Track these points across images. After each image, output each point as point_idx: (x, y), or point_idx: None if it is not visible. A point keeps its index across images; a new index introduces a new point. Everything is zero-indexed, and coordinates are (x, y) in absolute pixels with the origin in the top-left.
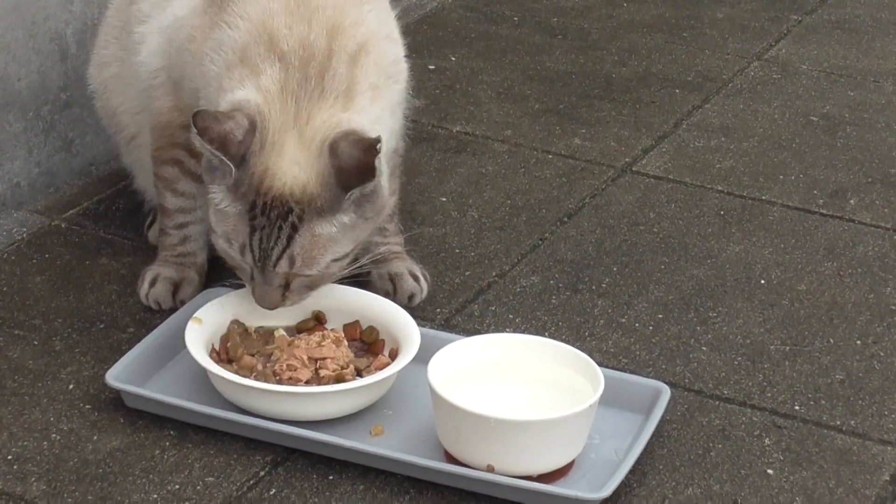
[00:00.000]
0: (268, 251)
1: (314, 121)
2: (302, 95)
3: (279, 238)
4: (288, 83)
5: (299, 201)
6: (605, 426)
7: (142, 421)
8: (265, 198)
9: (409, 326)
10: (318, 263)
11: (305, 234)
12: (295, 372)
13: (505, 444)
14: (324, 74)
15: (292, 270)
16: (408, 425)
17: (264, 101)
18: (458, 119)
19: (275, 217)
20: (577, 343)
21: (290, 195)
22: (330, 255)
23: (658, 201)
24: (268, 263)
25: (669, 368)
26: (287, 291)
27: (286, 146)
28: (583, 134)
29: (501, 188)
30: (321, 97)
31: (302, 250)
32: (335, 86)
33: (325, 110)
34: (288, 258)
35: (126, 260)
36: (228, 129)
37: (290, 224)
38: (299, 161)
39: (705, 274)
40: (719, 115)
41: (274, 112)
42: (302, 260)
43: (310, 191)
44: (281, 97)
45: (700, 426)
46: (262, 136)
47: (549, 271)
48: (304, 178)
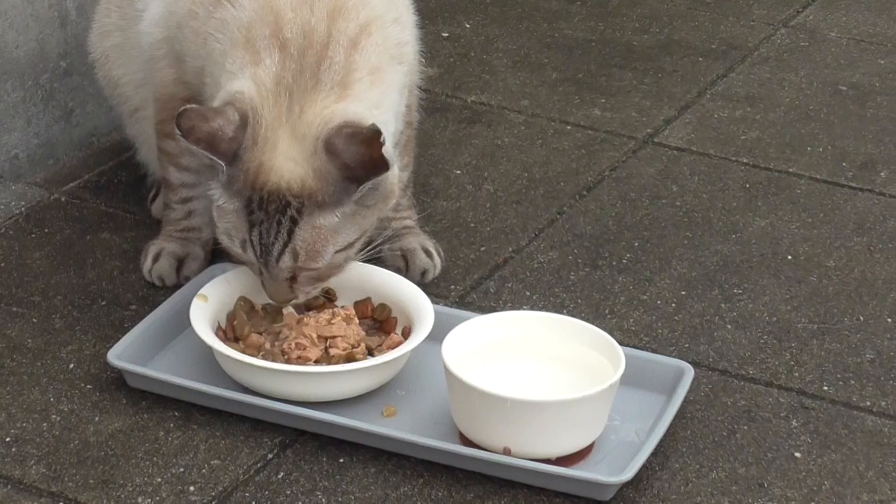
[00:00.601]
0: (269, 246)
1: (306, 115)
2: (296, 88)
3: (279, 232)
4: (283, 76)
5: (298, 195)
6: (625, 407)
7: (145, 401)
8: (261, 192)
9: (423, 304)
10: (323, 256)
11: (306, 226)
12: (304, 351)
13: (522, 425)
14: (320, 64)
15: (297, 264)
16: (421, 406)
17: (258, 94)
18: (473, 88)
19: (273, 211)
20: (597, 321)
21: (288, 189)
22: (333, 246)
23: (681, 174)
24: (270, 258)
25: (693, 347)
26: (295, 284)
27: (279, 142)
28: (602, 104)
29: (518, 160)
30: (315, 89)
31: (304, 244)
32: (331, 76)
33: (318, 103)
34: (291, 252)
35: (128, 234)
36: (217, 127)
37: (290, 218)
38: (294, 156)
39: (730, 249)
40: (744, 85)
41: (267, 106)
42: (306, 253)
43: (309, 185)
44: (275, 91)
45: (724, 407)
46: (255, 131)
47: (568, 246)
48: (300, 173)
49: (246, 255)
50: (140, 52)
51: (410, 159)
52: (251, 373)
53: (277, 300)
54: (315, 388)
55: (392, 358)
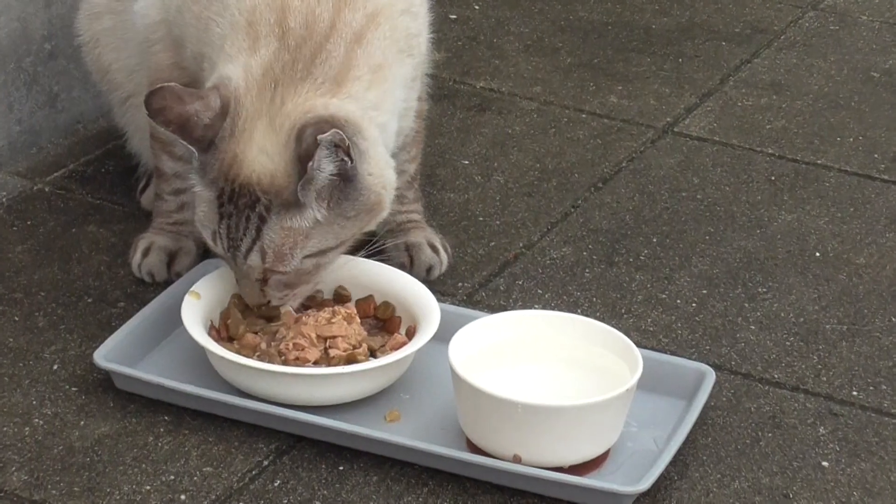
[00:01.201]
0: (237, 241)
1: (286, 106)
2: (283, 80)
3: (247, 228)
4: (273, 66)
5: (266, 191)
6: (643, 413)
7: (133, 405)
8: (232, 185)
9: (428, 302)
10: (290, 260)
11: (274, 226)
12: (302, 352)
13: (533, 431)
14: (315, 57)
15: (265, 265)
16: (426, 411)
17: (244, 82)
18: (482, 74)
19: (242, 206)
20: (613, 321)
21: (257, 184)
22: (301, 250)
23: (702, 165)
24: (238, 254)
25: (714, 349)
26: (265, 287)
27: (255, 133)
28: (619, 91)
29: (529, 150)
30: (303, 81)
31: (272, 244)
32: (325, 70)
33: (302, 95)
34: (259, 251)
35: (116, 227)
36: (192, 112)
37: (258, 215)
38: (267, 149)
39: (754, 245)
40: (770, 71)
41: (251, 97)
42: (273, 255)
43: (277, 182)
44: (261, 82)
45: (748, 413)
46: (234, 121)
47: (582, 242)
48: (271, 168)
49: (216, 247)
50: (134, 34)
51: (418, 150)
52: (246, 375)
53: (249, 301)
54: (314, 391)
55: (395, 359)
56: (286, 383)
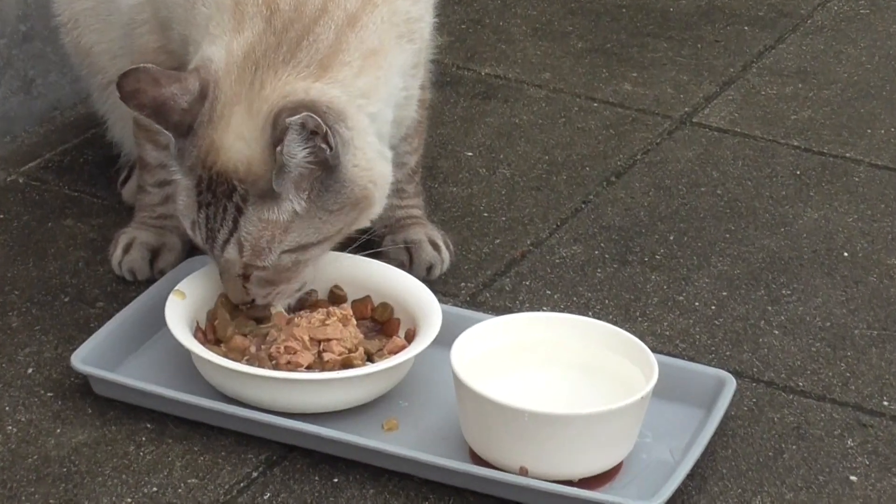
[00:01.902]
0: (214, 232)
1: (265, 90)
2: (264, 63)
3: (224, 219)
4: (255, 48)
5: (243, 180)
6: (658, 422)
7: (113, 411)
8: (210, 172)
9: (429, 303)
10: (268, 254)
11: (251, 217)
12: (294, 355)
13: (541, 442)
14: (301, 41)
15: (243, 259)
16: (426, 419)
17: (225, 65)
18: (488, 59)
19: (220, 195)
20: (627, 324)
21: (234, 172)
22: (279, 245)
23: (722, 158)
24: (215, 245)
25: (735, 355)
26: (247, 283)
27: (234, 118)
28: (634, 78)
29: (538, 141)
30: (285, 65)
31: (249, 236)
32: (311, 54)
33: (282, 79)
34: (236, 244)
35: (96, 222)
36: (168, 95)
37: (235, 205)
38: (245, 135)
39: (778, 244)
40: (796, 57)
41: (229, 80)
42: (251, 249)
43: (254, 170)
44: (242, 65)
45: (771, 423)
46: (212, 105)
47: (594, 239)
48: (248, 155)
49: (195, 237)
50: (118, 16)
51: (420, 141)
52: (234, 380)
53: (233, 298)
54: (307, 398)
55: (394, 364)
56: (277, 389)
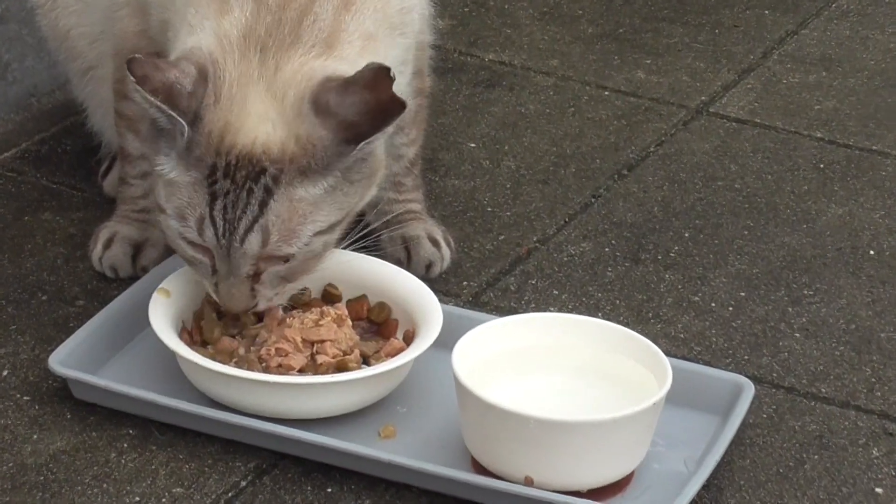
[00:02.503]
0: (234, 222)
1: (283, 71)
2: (269, 44)
3: (249, 204)
4: (255, 29)
5: (277, 160)
6: (672, 430)
7: (93, 417)
8: (228, 157)
9: (429, 303)
10: (299, 237)
11: (282, 199)
12: (286, 358)
13: (547, 450)
14: (302, 20)
15: (266, 250)
16: (426, 426)
17: (219, 48)
18: (492, 45)
19: (242, 179)
20: (639, 326)
21: (265, 153)
22: (311, 225)
23: (741, 150)
24: (234, 238)
25: (753, 359)
26: (257, 284)
27: (250, 98)
28: (647, 65)
29: (545, 132)
30: (293, 45)
31: (278, 220)
32: (314, 33)
33: (296, 59)
34: (260, 231)
35: (75, 215)
36: (173, 79)
37: (264, 187)
38: (271, 117)
39: (800, 242)
40: (819, 44)
41: (231, 61)
42: (279, 233)
43: (291, 150)
44: (242, 45)
45: (791, 432)
46: (217, 86)
47: (604, 236)
48: (280, 136)
49: (202, 239)
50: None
51: (419, 132)
52: (222, 383)
53: (232, 306)
54: (299, 403)
55: (392, 368)
56: (267, 393)
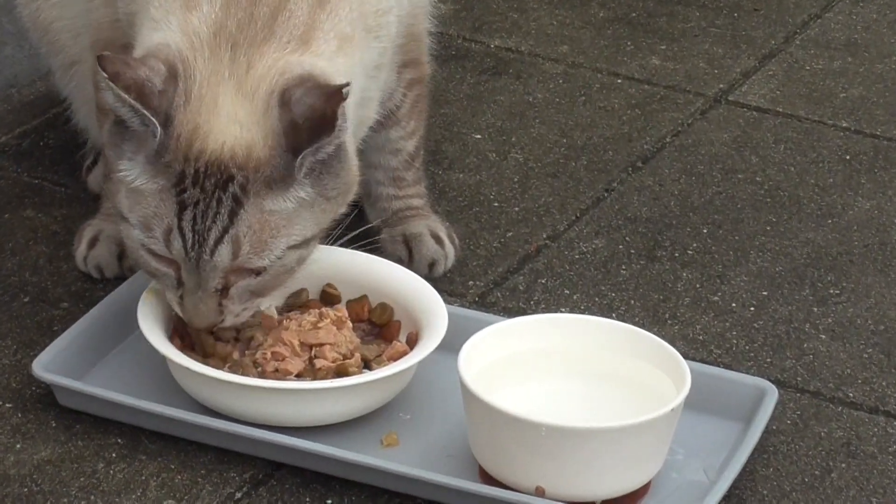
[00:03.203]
0: (203, 233)
1: (256, 68)
2: (241, 41)
3: (218, 213)
4: (225, 25)
5: (242, 166)
6: (691, 437)
7: (80, 425)
8: (196, 164)
9: (434, 304)
10: (272, 250)
11: (252, 209)
12: (282, 362)
13: (560, 459)
14: (276, 16)
15: (236, 262)
16: (430, 433)
17: (188, 45)
18: (498, 30)
19: (211, 187)
20: (655, 328)
21: (231, 158)
22: (285, 239)
23: (762, 141)
24: (204, 250)
25: (777, 362)
26: (225, 299)
27: (220, 99)
28: (663, 51)
29: (554, 122)
30: (266, 41)
31: (249, 231)
32: (289, 29)
33: (269, 55)
34: (231, 242)
35: (58, 213)
36: (144, 76)
37: (232, 196)
38: (240, 117)
39: (825, 238)
40: (845, 28)
41: (201, 59)
42: (250, 245)
43: (256, 154)
44: (212, 42)
45: (817, 438)
46: (187, 87)
47: (618, 232)
48: (248, 138)
49: (169, 251)
50: None
51: (419, 123)
52: (215, 389)
53: (198, 321)
54: (297, 410)
55: (394, 372)
56: (263, 400)
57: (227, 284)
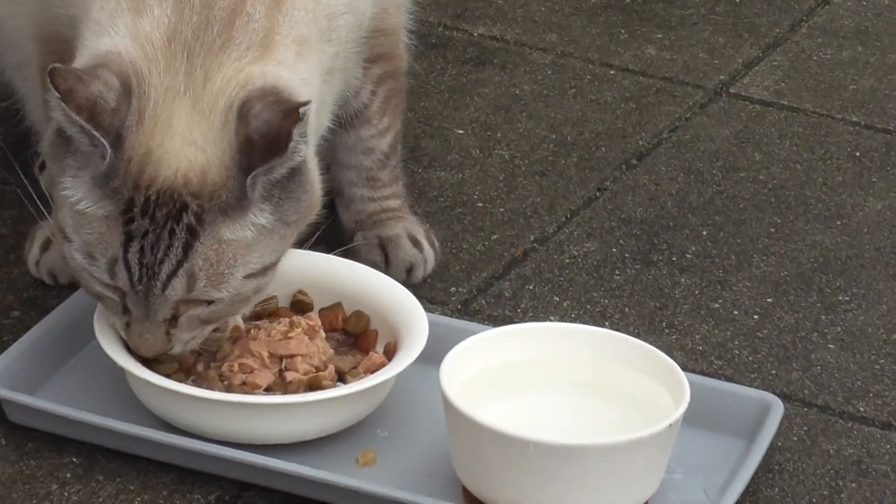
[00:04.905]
0: (153, 267)
1: (213, 80)
2: (198, 49)
3: (171, 247)
4: (180, 31)
5: (197, 194)
6: (690, 455)
7: (31, 443)
8: (147, 192)
9: (413, 312)
10: (229, 282)
11: (208, 240)
12: (251, 375)
13: (549, 478)
14: (234, 19)
15: (191, 294)
16: (410, 451)
17: (142, 55)
18: (482, 17)
19: (162, 218)
20: (652, 337)
21: (185, 186)
22: (242, 268)
23: (766, 137)
24: (153, 285)
25: (782, 374)
26: (174, 329)
27: (175, 118)
28: (659, 40)
29: (542, 116)
30: (224, 49)
31: (206, 264)
32: (248, 34)
33: (228, 65)
34: (185, 276)
35: (8, 214)
36: (97, 93)
37: (186, 227)
38: (195, 137)
39: (833, 241)
40: (854, 14)
41: (156, 72)
42: (206, 278)
43: (211, 178)
44: (167, 52)
45: (826, 456)
46: (141, 104)
47: (611, 235)
48: (202, 161)
49: (114, 280)
50: None
51: (392, 119)
52: (178, 404)
53: (145, 350)
54: (266, 426)
55: (371, 385)
56: (230, 415)
57: (177, 314)
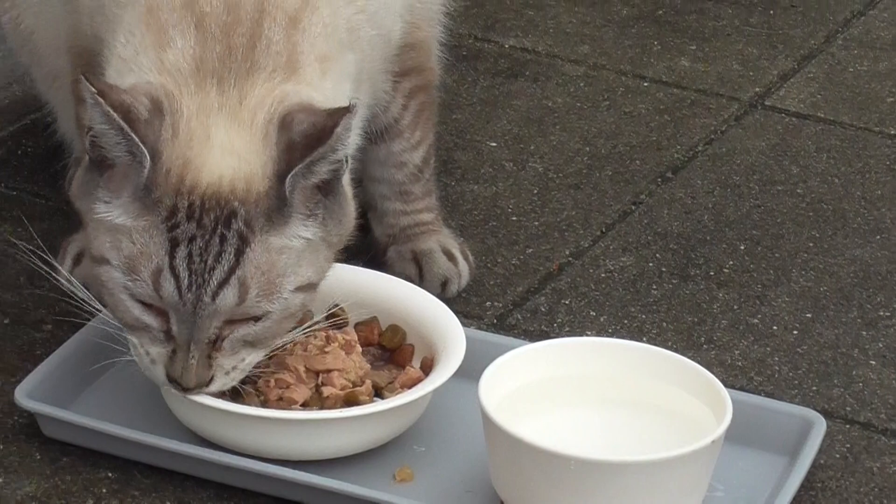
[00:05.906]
0: (203, 274)
1: (249, 98)
2: (226, 74)
3: (222, 253)
4: (206, 59)
5: (244, 200)
6: (732, 472)
7: (66, 457)
8: (191, 197)
9: (450, 326)
10: (280, 292)
11: (259, 247)
12: (287, 390)
13: (589, 495)
14: (254, 45)
15: (241, 307)
16: (447, 467)
17: (172, 81)
18: (513, 29)
19: (210, 223)
20: (690, 352)
21: (232, 192)
22: (293, 278)
23: (803, 150)
24: (203, 292)
25: (823, 391)
26: (218, 353)
27: (213, 131)
28: (693, 52)
29: (576, 129)
30: (252, 73)
31: (257, 272)
32: (271, 58)
33: (260, 85)
34: (237, 284)
35: (39, 227)
36: (130, 101)
37: (237, 233)
38: (236, 148)
39: (873, 255)
40: (891, 25)
41: (187, 92)
42: (258, 287)
43: (255, 187)
44: (196, 76)
45: (869, 474)
46: (174, 120)
47: (647, 249)
48: (247, 170)
49: (160, 292)
50: None
51: (424, 133)
52: (213, 419)
53: (187, 380)
54: (303, 442)
55: (408, 401)
56: (266, 431)
57: (222, 335)
